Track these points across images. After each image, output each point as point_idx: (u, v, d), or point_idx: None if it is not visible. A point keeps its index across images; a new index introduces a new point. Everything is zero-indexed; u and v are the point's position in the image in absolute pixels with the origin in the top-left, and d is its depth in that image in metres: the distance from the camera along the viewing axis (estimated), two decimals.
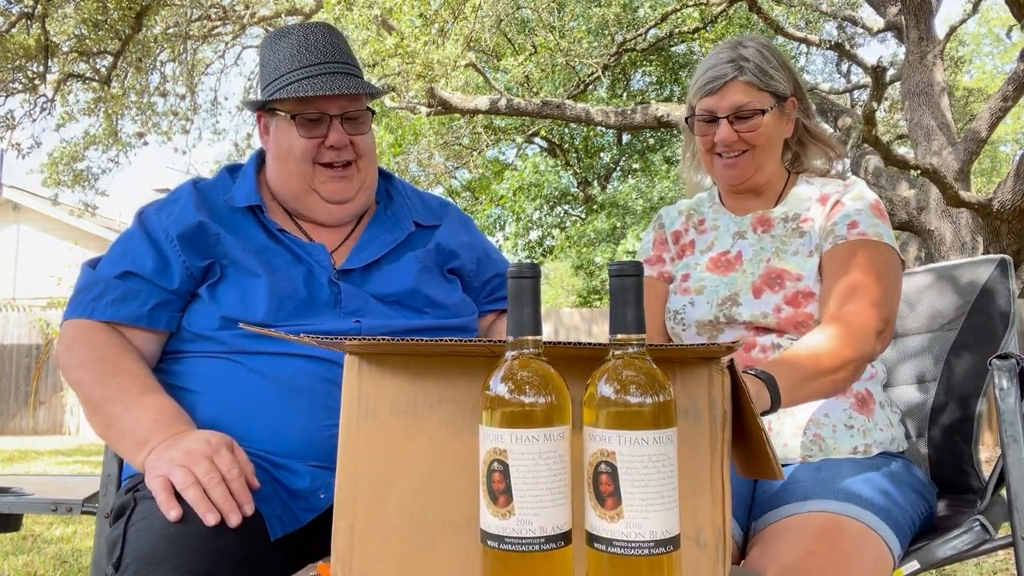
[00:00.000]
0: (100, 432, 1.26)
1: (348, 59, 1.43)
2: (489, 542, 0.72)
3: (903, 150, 9.61)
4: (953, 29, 7.22)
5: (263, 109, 1.44)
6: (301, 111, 1.37)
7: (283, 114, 1.39)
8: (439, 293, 1.43)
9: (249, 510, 1.07)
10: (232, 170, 1.50)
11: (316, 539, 1.18)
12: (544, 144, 16.43)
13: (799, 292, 1.39)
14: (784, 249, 1.45)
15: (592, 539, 0.71)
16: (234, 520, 1.04)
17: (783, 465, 1.34)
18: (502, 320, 1.55)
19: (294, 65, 1.38)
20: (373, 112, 1.47)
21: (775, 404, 1.10)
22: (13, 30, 7.13)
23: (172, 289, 1.32)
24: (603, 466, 0.70)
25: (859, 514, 1.15)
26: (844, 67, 12.27)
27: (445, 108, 7.81)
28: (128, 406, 1.21)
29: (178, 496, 1.05)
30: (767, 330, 1.42)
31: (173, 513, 1.03)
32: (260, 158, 1.51)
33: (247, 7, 8.86)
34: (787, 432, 1.35)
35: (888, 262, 1.37)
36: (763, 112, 1.43)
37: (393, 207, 1.53)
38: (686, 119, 1.54)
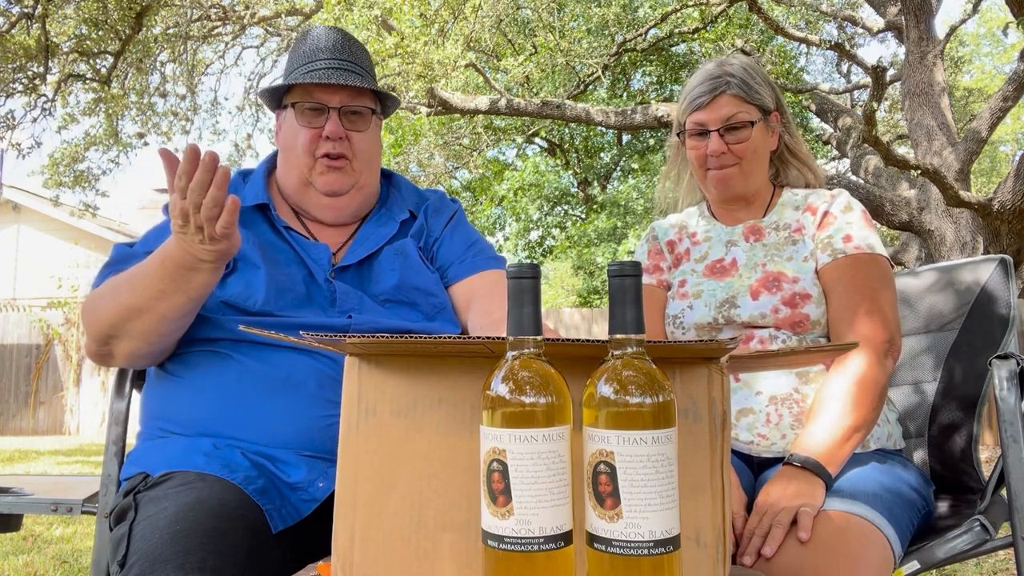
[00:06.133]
0: (134, 306, 1.24)
1: (358, 60, 1.49)
2: (489, 542, 0.73)
3: (903, 150, 9.61)
4: (953, 29, 7.21)
5: (280, 107, 1.52)
6: (303, 100, 1.45)
7: (290, 105, 1.47)
8: (425, 281, 1.46)
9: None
10: (244, 175, 1.57)
11: (320, 533, 1.19)
12: (544, 144, 16.43)
13: (796, 294, 1.44)
14: (779, 255, 1.52)
15: (592, 539, 0.72)
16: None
17: (780, 458, 1.35)
18: (484, 288, 1.47)
19: (305, 60, 1.47)
20: (375, 112, 1.49)
21: (829, 482, 1.23)
22: (13, 30, 7.13)
23: None
24: (602, 466, 0.70)
25: (865, 512, 1.15)
26: (844, 67, 12.25)
27: (445, 108, 7.80)
28: (132, 271, 1.27)
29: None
30: (764, 325, 1.44)
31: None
32: (272, 161, 1.58)
33: (247, 7, 8.86)
34: (785, 424, 1.36)
35: (886, 274, 1.46)
36: (751, 124, 1.52)
37: (389, 202, 1.58)
38: (677, 134, 1.64)
